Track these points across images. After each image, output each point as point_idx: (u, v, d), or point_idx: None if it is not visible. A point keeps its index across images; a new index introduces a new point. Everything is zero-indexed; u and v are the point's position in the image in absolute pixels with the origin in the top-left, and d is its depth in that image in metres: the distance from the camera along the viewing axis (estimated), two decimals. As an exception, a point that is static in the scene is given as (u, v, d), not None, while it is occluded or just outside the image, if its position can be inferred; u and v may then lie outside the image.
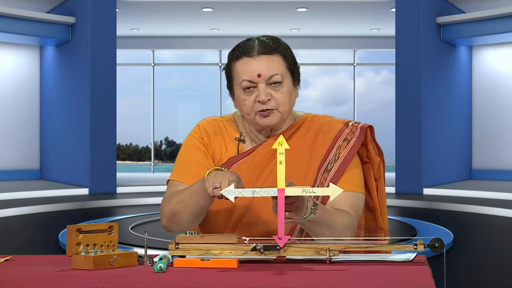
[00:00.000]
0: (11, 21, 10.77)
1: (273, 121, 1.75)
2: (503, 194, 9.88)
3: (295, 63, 1.79)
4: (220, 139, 1.84)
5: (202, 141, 1.84)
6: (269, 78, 1.72)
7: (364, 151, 1.84)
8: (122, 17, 12.44)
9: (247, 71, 1.72)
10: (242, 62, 1.73)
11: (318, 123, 1.84)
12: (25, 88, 12.79)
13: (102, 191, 10.85)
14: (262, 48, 1.73)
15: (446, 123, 11.74)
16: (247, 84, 1.72)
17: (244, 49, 1.74)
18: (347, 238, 1.59)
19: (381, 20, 13.31)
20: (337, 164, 1.76)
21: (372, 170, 1.85)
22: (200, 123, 1.89)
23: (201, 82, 17.70)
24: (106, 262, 1.40)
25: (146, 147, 17.42)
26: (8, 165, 12.59)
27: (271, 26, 13.79)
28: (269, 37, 1.78)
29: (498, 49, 12.53)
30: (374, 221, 1.89)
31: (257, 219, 1.75)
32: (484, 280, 4.89)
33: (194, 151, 1.82)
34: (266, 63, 1.72)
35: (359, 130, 1.80)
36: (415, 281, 1.26)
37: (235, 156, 1.81)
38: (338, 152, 1.78)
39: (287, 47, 1.79)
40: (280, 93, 1.73)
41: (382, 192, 1.87)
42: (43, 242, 6.79)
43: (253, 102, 1.73)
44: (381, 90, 16.77)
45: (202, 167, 1.78)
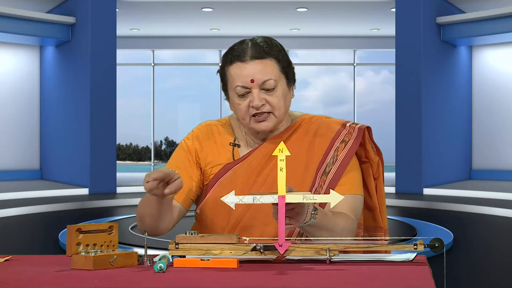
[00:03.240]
0: (11, 21, 10.77)
1: (269, 126, 1.75)
2: (503, 194, 9.88)
3: (289, 64, 1.78)
4: (213, 144, 1.84)
5: (191, 148, 1.84)
6: (263, 83, 1.71)
7: (362, 151, 1.84)
8: (122, 17, 12.44)
9: (240, 76, 1.71)
10: (235, 66, 1.73)
11: (315, 124, 1.84)
12: (25, 88, 12.79)
13: (102, 191, 10.85)
14: (255, 52, 1.72)
15: (446, 123, 11.74)
16: (240, 90, 1.72)
17: (237, 53, 1.73)
18: (347, 238, 1.59)
19: (381, 20, 13.31)
20: (336, 167, 1.76)
21: (371, 170, 1.85)
22: (194, 129, 1.90)
23: (201, 82, 17.70)
24: (106, 262, 1.40)
25: (146, 147, 17.43)
26: (8, 165, 12.59)
27: (271, 26, 13.79)
28: (262, 39, 1.76)
29: (498, 49, 12.53)
30: (373, 220, 1.89)
31: (255, 222, 1.74)
32: (484, 280, 4.89)
33: (179, 157, 1.84)
34: (259, 67, 1.71)
35: (356, 131, 1.80)
36: (415, 281, 1.26)
37: (230, 162, 1.81)
38: (336, 154, 1.77)
39: (280, 48, 1.77)
40: (275, 97, 1.73)
41: (381, 191, 1.87)
42: (43, 242, 6.79)
43: (247, 107, 1.73)
44: (381, 90, 16.77)
45: (183, 172, 1.77)
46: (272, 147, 1.79)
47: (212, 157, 1.83)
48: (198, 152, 1.84)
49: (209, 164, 1.83)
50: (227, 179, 1.79)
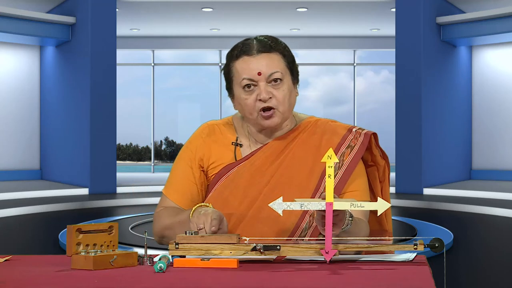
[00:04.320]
0: (11, 21, 10.77)
1: (275, 122, 1.74)
2: (503, 194, 9.88)
3: (293, 61, 1.79)
4: (215, 145, 1.84)
5: (193, 154, 1.85)
6: (270, 76, 1.71)
7: (369, 156, 1.84)
8: (122, 17, 12.44)
9: (247, 69, 1.72)
10: (241, 61, 1.73)
11: (321, 128, 1.83)
12: (25, 88, 12.79)
13: (102, 191, 10.85)
14: (261, 47, 1.73)
15: (446, 123, 11.74)
16: (247, 82, 1.72)
17: (243, 48, 1.74)
18: (347, 238, 1.59)
19: (381, 20, 13.31)
20: (341, 172, 1.76)
21: (377, 173, 1.86)
22: (196, 132, 1.90)
23: (201, 82, 17.70)
24: (106, 262, 1.40)
25: (146, 147, 17.42)
26: (8, 165, 12.59)
27: (271, 26, 13.79)
28: (267, 36, 1.78)
29: (498, 49, 12.53)
30: (378, 224, 1.89)
31: (256, 223, 1.74)
32: (484, 280, 4.89)
33: (181, 165, 1.86)
34: (266, 61, 1.72)
35: (362, 136, 1.80)
36: (415, 281, 1.26)
37: (233, 162, 1.81)
38: (342, 160, 1.77)
39: (285, 45, 1.79)
40: (281, 91, 1.73)
41: (387, 194, 1.88)
42: (43, 242, 6.79)
43: (254, 101, 1.72)
44: (381, 90, 16.77)
45: (188, 182, 1.83)
46: (276, 147, 1.79)
47: (215, 158, 1.83)
48: (200, 155, 1.84)
49: (211, 165, 1.83)
50: (229, 179, 1.79)
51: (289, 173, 1.76)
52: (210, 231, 1.51)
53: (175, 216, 1.76)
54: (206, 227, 1.52)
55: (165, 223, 1.78)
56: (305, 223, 1.71)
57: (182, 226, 1.69)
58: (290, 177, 1.75)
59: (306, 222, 1.71)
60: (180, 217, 1.73)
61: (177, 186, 1.84)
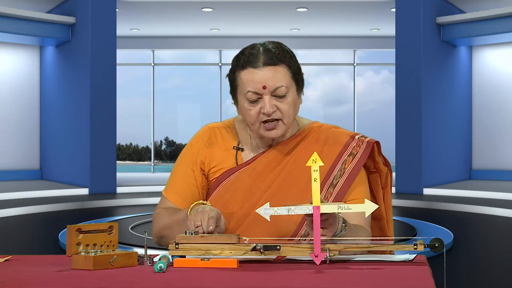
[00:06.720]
0: (11, 21, 10.77)
1: (278, 134, 1.74)
2: (503, 194, 9.88)
3: (299, 71, 1.77)
4: (216, 149, 1.83)
5: (195, 157, 1.84)
6: (274, 90, 1.69)
7: (371, 163, 1.84)
8: (122, 17, 12.44)
9: (252, 82, 1.69)
10: (247, 72, 1.70)
11: (324, 134, 1.83)
12: (25, 88, 12.79)
13: (102, 191, 10.85)
14: (268, 59, 1.69)
15: (446, 123, 11.74)
16: (252, 96, 1.70)
17: (249, 58, 1.70)
18: (347, 238, 1.59)
19: (381, 20, 13.31)
20: (343, 179, 1.76)
21: (379, 179, 1.85)
22: (197, 134, 1.89)
23: (201, 82, 17.70)
24: (106, 262, 1.40)
25: (146, 147, 17.43)
26: (8, 165, 12.59)
27: (271, 26, 13.79)
28: (274, 45, 1.73)
29: (498, 49, 12.54)
30: (379, 230, 1.88)
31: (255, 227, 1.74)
32: (484, 280, 4.89)
33: (183, 167, 1.85)
34: (271, 74, 1.69)
35: (365, 144, 1.79)
36: (415, 281, 1.26)
37: (234, 167, 1.80)
38: (344, 167, 1.77)
39: (292, 55, 1.76)
40: (285, 104, 1.71)
41: (388, 201, 1.87)
42: (43, 242, 6.79)
43: (257, 113, 1.71)
44: (381, 90, 16.77)
45: (188, 184, 1.82)
46: (278, 153, 1.79)
47: (216, 162, 1.82)
48: (201, 158, 1.83)
49: (213, 169, 1.82)
50: (230, 183, 1.79)
51: (290, 179, 1.76)
52: (207, 230, 1.51)
53: (173, 216, 1.76)
54: (204, 225, 1.51)
55: (164, 223, 1.77)
56: (304, 231, 1.71)
57: (180, 224, 1.69)
58: (291, 183, 1.75)
59: (305, 230, 1.71)
60: (178, 216, 1.72)
61: (178, 188, 1.84)
